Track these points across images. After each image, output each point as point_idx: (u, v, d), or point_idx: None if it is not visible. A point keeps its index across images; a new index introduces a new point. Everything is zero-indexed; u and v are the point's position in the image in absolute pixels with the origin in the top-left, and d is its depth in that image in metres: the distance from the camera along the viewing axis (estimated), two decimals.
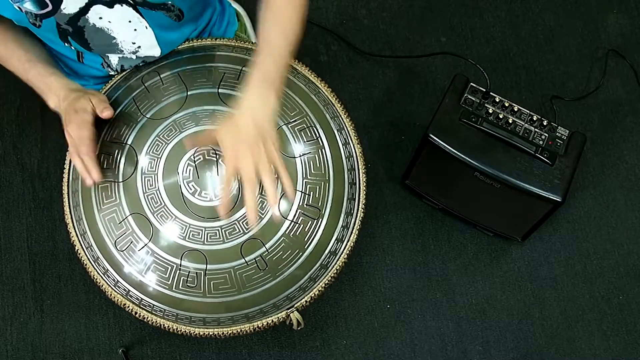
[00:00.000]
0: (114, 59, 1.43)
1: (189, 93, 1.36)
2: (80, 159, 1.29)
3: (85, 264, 1.36)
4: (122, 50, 1.38)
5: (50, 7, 1.23)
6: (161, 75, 1.41)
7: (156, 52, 1.42)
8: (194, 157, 1.30)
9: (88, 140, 1.29)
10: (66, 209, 1.39)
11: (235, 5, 1.86)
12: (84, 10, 1.25)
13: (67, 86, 1.36)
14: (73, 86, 1.36)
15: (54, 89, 1.35)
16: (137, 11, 1.31)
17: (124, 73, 1.47)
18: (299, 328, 1.35)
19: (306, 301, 1.34)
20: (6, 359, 1.93)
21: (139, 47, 1.38)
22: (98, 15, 1.27)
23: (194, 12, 1.45)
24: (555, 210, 1.78)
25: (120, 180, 1.32)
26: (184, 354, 1.94)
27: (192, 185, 1.29)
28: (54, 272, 2.00)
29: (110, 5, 1.27)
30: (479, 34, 2.28)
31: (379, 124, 2.17)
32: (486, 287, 2.03)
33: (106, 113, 1.32)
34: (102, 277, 1.35)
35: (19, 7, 1.22)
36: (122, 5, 1.28)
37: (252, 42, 1.51)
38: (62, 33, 1.30)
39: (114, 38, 1.34)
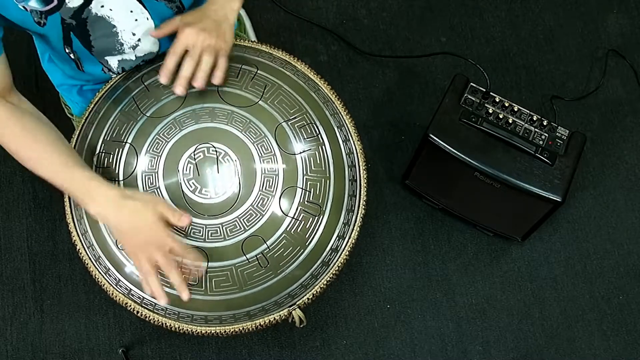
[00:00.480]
0: (113, 61, 1.43)
1: (188, 91, 1.36)
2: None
3: (87, 264, 1.36)
4: (122, 44, 1.37)
5: (55, 2, 1.22)
6: None
7: (155, 47, 1.42)
8: (194, 155, 1.30)
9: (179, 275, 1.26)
10: (67, 208, 1.39)
11: None
12: (88, 0, 1.25)
13: (114, 194, 1.25)
14: (119, 192, 1.25)
15: (95, 196, 1.25)
16: (140, 1, 1.31)
17: (123, 73, 1.47)
18: (301, 326, 1.35)
19: (308, 298, 1.35)
20: (6, 359, 1.93)
21: (139, 39, 1.38)
22: (100, 4, 1.27)
23: (192, 5, 1.45)
24: (555, 210, 1.78)
25: (121, 179, 1.32)
26: (184, 354, 1.94)
27: (193, 183, 1.29)
28: (54, 272, 2.00)
29: None
30: (479, 34, 2.28)
31: (379, 124, 2.17)
32: (486, 287, 2.03)
33: (186, 220, 1.24)
34: (103, 277, 1.35)
35: (23, 7, 1.22)
36: None
37: (252, 41, 1.51)
38: (66, 29, 1.30)
39: (115, 27, 1.33)
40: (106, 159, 1.34)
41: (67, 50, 1.36)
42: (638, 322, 2.01)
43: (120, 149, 1.33)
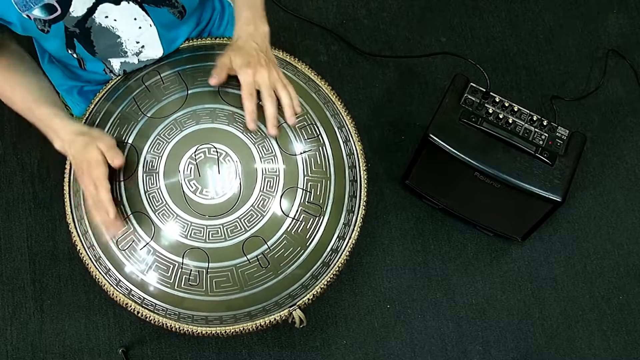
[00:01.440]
0: (115, 63, 1.43)
1: (189, 92, 1.36)
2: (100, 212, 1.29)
3: (87, 264, 1.36)
4: (126, 52, 1.38)
5: (59, 12, 1.22)
6: (161, 75, 1.41)
7: (159, 52, 1.42)
8: (195, 156, 1.30)
9: (107, 194, 1.27)
10: (67, 208, 1.39)
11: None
12: (92, 10, 1.25)
13: (72, 130, 1.32)
14: (77, 129, 1.32)
15: (58, 132, 1.33)
16: (143, 8, 1.31)
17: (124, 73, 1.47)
18: (301, 326, 1.35)
19: (308, 299, 1.34)
20: (6, 359, 1.93)
21: (143, 46, 1.38)
22: (104, 14, 1.27)
23: (195, 8, 1.45)
24: (555, 210, 1.78)
25: (122, 179, 1.32)
26: (184, 354, 1.94)
27: (194, 183, 1.29)
28: (54, 272, 2.00)
29: (117, 2, 1.27)
30: (479, 34, 2.28)
31: (379, 124, 2.17)
32: (486, 287, 2.03)
33: (117, 162, 1.28)
34: (104, 277, 1.35)
35: (27, 15, 1.22)
36: (128, 2, 1.28)
37: None
38: (69, 37, 1.30)
39: (119, 37, 1.34)
40: None
41: (69, 52, 1.36)
42: (638, 322, 2.01)
43: (121, 149, 1.33)
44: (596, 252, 2.07)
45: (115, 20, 1.30)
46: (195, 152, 1.30)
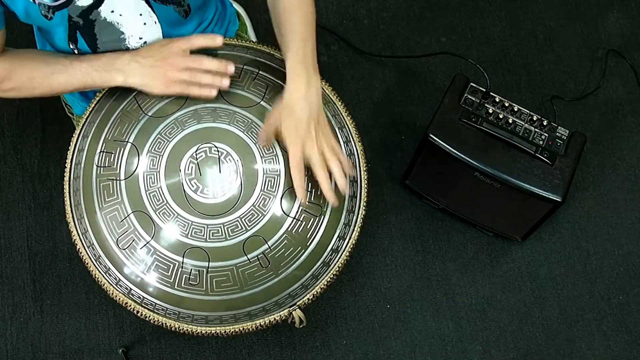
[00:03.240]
0: None
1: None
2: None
3: (87, 263, 1.36)
4: (128, 48, 1.38)
5: None
6: None
7: None
8: (196, 155, 1.30)
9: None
10: (67, 208, 1.39)
11: (236, 6, 1.86)
12: (98, 2, 1.25)
13: (128, 52, 1.36)
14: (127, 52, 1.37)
15: (115, 61, 1.35)
16: (149, 5, 1.31)
17: None
18: (301, 326, 1.35)
19: (308, 299, 1.34)
20: (6, 359, 1.93)
21: (145, 42, 1.38)
22: (110, 9, 1.27)
23: (199, 8, 1.45)
24: (555, 210, 1.79)
25: (122, 178, 1.32)
26: (184, 354, 1.94)
27: (195, 182, 1.29)
28: (54, 272, 2.00)
29: None
30: (479, 34, 2.28)
31: (379, 124, 2.17)
32: (486, 287, 2.03)
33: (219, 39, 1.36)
34: (103, 276, 1.35)
35: (32, 0, 1.22)
36: None
37: (253, 42, 1.51)
38: (72, 27, 1.30)
39: (123, 33, 1.34)
40: (107, 158, 1.34)
41: (71, 47, 1.36)
42: (638, 322, 2.01)
43: (122, 149, 1.33)
44: (596, 252, 2.07)
45: (120, 15, 1.30)
46: (196, 151, 1.31)
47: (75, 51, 1.38)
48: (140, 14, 1.32)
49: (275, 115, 1.30)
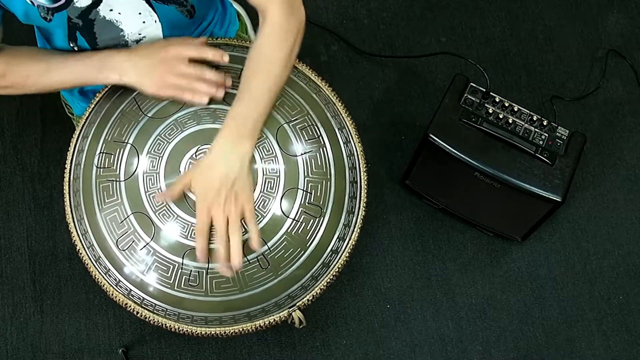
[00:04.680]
0: None
1: None
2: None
3: (87, 264, 1.36)
4: (127, 42, 1.37)
5: (63, 1, 1.23)
6: None
7: None
8: (196, 156, 1.30)
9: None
10: (67, 208, 1.39)
11: (236, 6, 1.86)
12: (97, 2, 1.25)
13: (126, 50, 1.35)
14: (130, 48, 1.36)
15: (111, 58, 1.33)
16: (149, 4, 1.31)
17: None
18: (301, 327, 1.35)
19: (308, 300, 1.34)
20: (6, 359, 1.93)
21: (144, 37, 1.38)
22: (109, 7, 1.27)
23: (204, 8, 1.45)
24: (555, 210, 1.79)
25: (122, 179, 1.32)
26: (184, 354, 1.94)
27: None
28: (54, 272, 2.00)
29: None
30: (479, 34, 2.28)
31: (379, 124, 2.17)
32: (486, 287, 2.03)
33: (220, 54, 1.33)
34: (103, 277, 1.35)
35: (31, 2, 1.22)
36: None
37: (253, 42, 1.51)
38: (72, 28, 1.30)
39: (122, 30, 1.34)
40: (107, 159, 1.34)
41: (71, 45, 1.36)
42: (638, 322, 2.01)
43: (121, 150, 1.33)
44: (596, 252, 2.07)
45: (119, 13, 1.30)
46: (196, 152, 1.30)
47: (75, 48, 1.38)
48: (140, 13, 1.32)
49: (188, 175, 1.26)
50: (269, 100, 1.28)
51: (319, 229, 1.33)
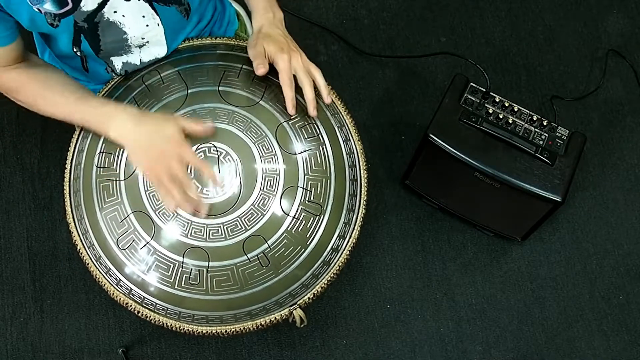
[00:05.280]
0: (117, 63, 1.43)
1: (189, 91, 1.36)
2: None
3: (87, 264, 1.36)
4: (130, 46, 1.38)
5: (70, 6, 1.23)
6: (161, 74, 1.41)
7: (162, 51, 1.43)
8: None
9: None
10: (67, 208, 1.39)
11: (235, 6, 1.86)
12: (102, 4, 1.26)
13: (134, 112, 1.31)
14: (137, 111, 1.33)
15: (116, 116, 1.30)
16: (152, 7, 1.31)
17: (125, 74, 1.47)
18: (302, 325, 1.35)
19: (309, 298, 1.34)
20: (6, 359, 1.93)
21: (147, 42, 1.38)
22: (113, 9, 1.28)
23: (199, 7, 1.46)
24: (555, 210, 1.79)
25: (122, 178, 1.32)
26: (184, 354, 1.94)
27: (194, 182, 1.29)
28: (54, 272, 2.00)
29: None
30: (479, 34, 2.28)
31: (379, 124, 2.17)
32: (486, 287, 2.03)
33: (208, 126, 1.32)
34: (104, 277, 1.35)
35: (38, 9, 1.22)
36: (138, 0, 1.29)
37: None
38: (77, 32, 1.30)
39: (125, 33, 1.34)
40: (107, 158, 1.34)
41: (74, 49, 1.36)
42: (638, 322, 2.01)
43: (121, 149, 1.33)
44: (596, 252, 2.07)
45: (123, 16, 1.30)
46: (195, 151, 1.31)
47: (78, 54, 1.38)
48: (143, 16, 1.32)
49: (258, 45, 1.36)
50: None
51: (319, 227, 1.33)
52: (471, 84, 1.81)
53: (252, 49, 1.37)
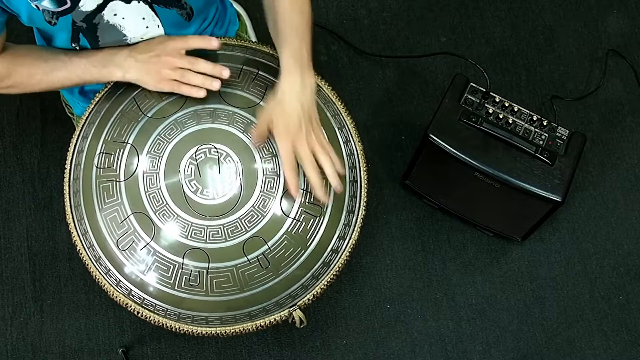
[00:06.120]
0: None
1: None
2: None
3: (87, 264, 1.36)
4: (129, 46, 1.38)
5: (68, 5, 1.23)
6: None
7: None
8: (195, 156, 1.30)
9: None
10: (67, 208, 1.39)
11: (236, 6, 1.86)
12: (102, 6, 1.26)
13: (127, 47, 1.37)
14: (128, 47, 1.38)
15: (114, 56, 1.36)
16: (152, 9, 1.31)
17: None
18: (302, 326, 1.35)
19: (308, 299, 1.34)
20: (6, 359, 1.93)
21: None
22: (113, 12, 1.28)
23: (201, 10, 1.46)
24: (555, 210, 1.78)
25: (122, 179, 1.32)
26: (184, 354, 1.94)
27: (194, 183, 1.29)
28: (54, 272, 2.00)
29: (127, 1, 1.28)
30: (479, 34, 2.28)
31: (379, 124, 2.17)
32: (486, 287, 2.03)
33: (215, 42, 1.36)
34: (104, 277, 1.35)
35: (36, 6, 1.22)
36: (138, 2, 1.29)
37: (253, 42, 1.51)
38: (75, 31, 1.30)
39: (125, 35, 1.34)
40: (107, 159, 1.34)
41: (73, 45, 1.36)
42: (638, 322, 2.01)
43: (121, 150, 1.33)
44: (596, 252, 2.07)
45: (123, 18, 1.30)
46: (195, 152, 1.31)
47: (77, 48, 1.38)
48: (143, 18, 1.32)
49: (268, 112, 1.29)
50: (310, 34, 1.34)
51: (319, 228, 1.33)
52: (471, 84, 1.81)
53: (261, 115, 1.31)
